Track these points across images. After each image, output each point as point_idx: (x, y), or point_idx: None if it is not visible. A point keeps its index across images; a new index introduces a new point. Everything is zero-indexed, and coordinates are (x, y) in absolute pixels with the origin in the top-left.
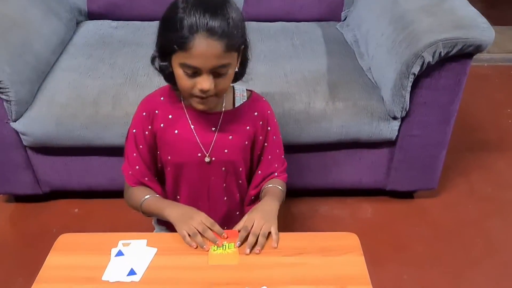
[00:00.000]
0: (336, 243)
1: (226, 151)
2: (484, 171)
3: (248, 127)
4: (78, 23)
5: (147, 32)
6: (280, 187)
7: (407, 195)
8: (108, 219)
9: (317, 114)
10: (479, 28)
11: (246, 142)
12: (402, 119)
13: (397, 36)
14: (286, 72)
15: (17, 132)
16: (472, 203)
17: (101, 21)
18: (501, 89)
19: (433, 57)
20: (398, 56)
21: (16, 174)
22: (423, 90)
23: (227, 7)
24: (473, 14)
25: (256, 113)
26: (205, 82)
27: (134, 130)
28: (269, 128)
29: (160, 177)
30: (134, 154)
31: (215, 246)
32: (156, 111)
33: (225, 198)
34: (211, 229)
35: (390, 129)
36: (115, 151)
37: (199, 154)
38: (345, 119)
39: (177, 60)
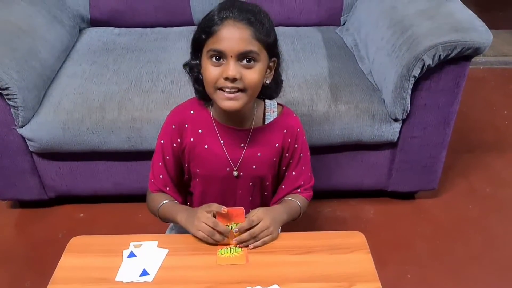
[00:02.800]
0: (343, 241)
1: (254, 167)
2: (482, 171)
3: (277, 144)
4: (80, 30)
5: (150, 39)
6: (299, 203)
7: (408, 196)
8: (113, 224)
9: (320, 117)
10: (477, 31)
11: (275, 159)
12: (403, 121)
13: (397, 39)
14: (288, 76)
15: (23, 138)
16: (472, 202)
17: (104, 28)
18: (497, 91)
19: (433, 60)
20: (398, 59)
21: (22, 180)
22: (423, 92)
23: (258, 9)
24: (471, 17)
25: (285, 131)
26: (230, 69)
27: (162, 141)
28: (296, 145)
29: (185, 187)
30: (160, 163)
31: (223, 250)
32: (186, 125)
33: (250, 210)
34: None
35: (392, 131)
36: (121, 156)
37: (228, 169)
38: (347, 121)
39: (206, 50)
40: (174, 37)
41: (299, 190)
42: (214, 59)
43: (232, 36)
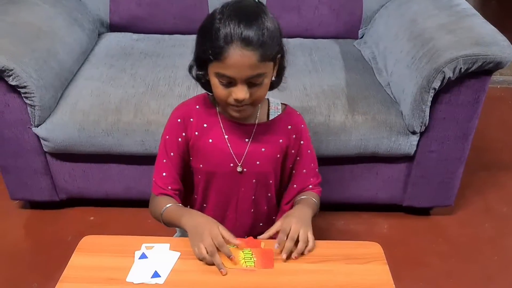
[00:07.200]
0: (360, 251)
1: (258, 162)
2: (499, 190)
3: (281, 140)
4: (99, 35)
5: (167, 45)
6: (314, 199)
7: (423, 211)
8: (124, 228)
9: (337, 127)
10: (499, 45)
11: (278, 155)
12: (421, 134)
13: (417, 52)
14: (305, 86)
15: (38, 138)
16: (488, 221)
17: (122, 33)
18: None
19: (453, 72)
20: (418, 71)
21: (34, 180)
22: (442, 106)
23: (262, 17)
24: (493, 32)
25: (289, 127)
26: (240, 92)
27: (167, 137)
28: (302, 142)
29: (187, 185)
30: (164, 161)
31: (243, 261)
32: (191, 119)
33: (252, 210)
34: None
35: (409, 144)
36: (134, 160)
37: (231, 164)
38: (364, 132)
39: (212, 69)
40: (192, 44)
41: (310, 186)
42: (223, 81)
43: (240, 63)
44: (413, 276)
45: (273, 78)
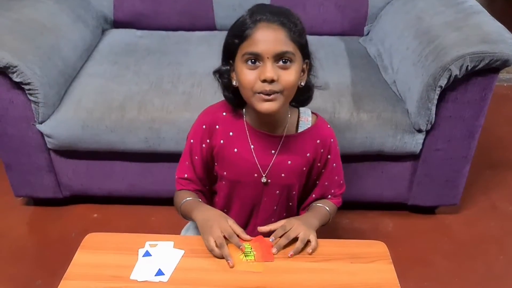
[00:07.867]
0: (364, 250)
1: (283, 175)
2: (505, 189)
3: (308, 154)
4: (103, 31)
5: (172, 42)
6: (327, 208)
7: (429, 210)
8: (127, 225)
9: (342, 125)
10: (506, 43)
11: (304, 168)
12: (427, 132)
13: (423, 49)
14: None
15: (41, 135)
16: (494, 220)
17: (126, 29)
18: None
19: (460, 70)
20: (424, 69)
21: (38, 177)
22: (448, 104)
23: (291, 14)
24: (500, 29)
25: (318, 141)
26: (268, 71)
27: (191, 141)
28: (329, 156)
29: (211, 188)
30: (187, 163)
31: (242, 255)
32: (217, 126)
33: (273, 220)
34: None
35: (415, 142)
36: (137, 157)
37: (256, 175)
38: (369, 130)
39: (240, 55)
40: (196, 41)
41: (328, 196)
42: (249, 62)
43: (267, 38)
44: (418, 275)
45: (302, 83)
